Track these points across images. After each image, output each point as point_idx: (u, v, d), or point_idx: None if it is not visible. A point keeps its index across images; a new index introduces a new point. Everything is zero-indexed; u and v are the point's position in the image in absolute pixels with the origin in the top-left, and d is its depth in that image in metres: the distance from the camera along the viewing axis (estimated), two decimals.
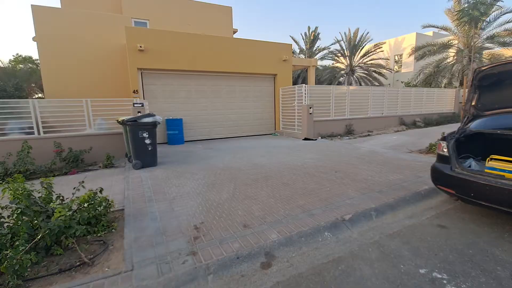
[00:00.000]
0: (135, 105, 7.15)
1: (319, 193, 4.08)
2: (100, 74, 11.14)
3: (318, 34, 23.09)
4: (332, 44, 23.18)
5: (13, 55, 24.21)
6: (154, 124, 5.88)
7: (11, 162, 5.70)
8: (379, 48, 22.09)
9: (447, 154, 3.46)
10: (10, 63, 18.67)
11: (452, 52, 16.19)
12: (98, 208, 3.11)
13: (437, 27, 15.09)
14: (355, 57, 22.42)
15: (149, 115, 5.88)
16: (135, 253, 2.58)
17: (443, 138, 3.72)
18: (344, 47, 22.40)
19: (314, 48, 23.64)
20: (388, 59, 25.37)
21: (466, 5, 12.69)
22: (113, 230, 3.12)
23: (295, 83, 17.51)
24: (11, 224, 2.61)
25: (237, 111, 11.18)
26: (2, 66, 18.05)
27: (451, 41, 15.45)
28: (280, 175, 5.12)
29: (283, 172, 5.37)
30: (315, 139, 9.87)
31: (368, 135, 11.05)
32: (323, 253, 2.69)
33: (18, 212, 2.52)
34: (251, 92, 11.43)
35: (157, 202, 3.92)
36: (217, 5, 15.61)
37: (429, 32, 24.51)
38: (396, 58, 26.11)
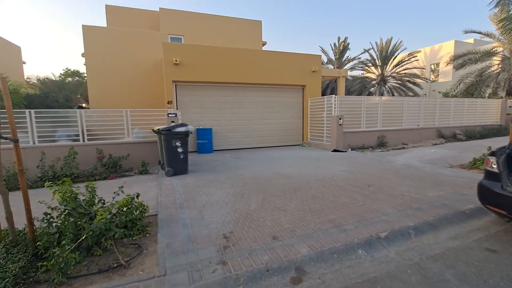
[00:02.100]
0: (169, 115, 7.53)
1: (351, 208, 3.92)
2: (138, 86, 11.95)
3: (348, 44, 22.76)
4: (362, 54, 22.91)
5: (63, 69, 26.88)
6: (187, 134, 6.12)
7: (58, 166, 6.25)
8: (414, 57, 21.15)
9: (496, 170, 3.16)
10: (61, 77, 20.72)
11: (496, 60, 14.99)
12: (135, 213, 3.27)
13: (480, 33, 14.13)
14: (387, 66, 21.67)
15: (182, 125, 6.14)
16: (167, 258, 2.65)
17: (492, 153, 3.41)
18: (376, 57, 21.79)
19: (344, 58, 23.29)
20: (423, 68, 24.13)
21: None
22: (147, 235, 3.24)
23: (323, 93, 17.29)
24: (59, 224, 2.84)
25: (265, 122, 11.27)
26: (54, 79, 20.13)
27: (495, 48, 14.33)
28: (309, 187, 5.02)
29: (312, 184, 5.26)
30: (345, 151, 9.57)
31: (403, 147, 10.48)
32: (357, 272, 2.56)
33: (66, 213, 2.74)
34: (279, 103, 11.49)
35: (188, 209, 4.03)
36: (248, 19, 16.13)
37: (469, 39, 23.00)
38: (432, 67, 24.74)
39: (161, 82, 10.89)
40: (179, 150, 6.12)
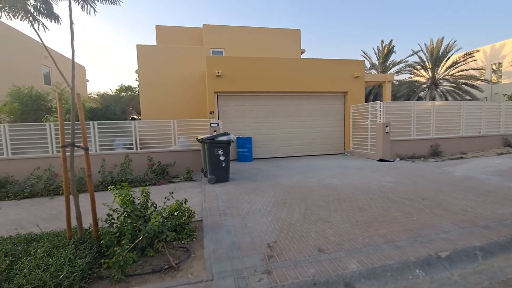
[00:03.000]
0: (211, 124, 7.86)
1: (403, 222, 3.61)
2: (182, 98, 12.75)
3: (393, 47, 21.51)
4: (409, 56, 21.16)
5: (118, 85, 29.94)
6: (229, 142, 6.31)
7: (116, 172, 6.90)
8: (471, 57, 19.11)
9: None
10: (116, 92, 23.09)
11: None
12: (183, 218, 3.44)
13: None
14: (439, 68, 19.89)
15: (224, 134, 6.35)
16: (214, 264, 2.72)
17: None
18: (425, 59, 20.19)
19: (388, 62, 22.02)
20: (483, 69, 21.66)
21: None
22: (194, 239, 3.38)
23: (366, 100, 16.49)
24: (119, 225, 3.10)
25: (305, 130, 11.12)
26: (111, 94, 22.52)
27: None
28: (355, 199, 4.77)
29: (357, 195, 4.99)
30: (393, 161, 8.93)
31: (461, 157, 9.42)
32: None
33: (125, 215, 2.99)
34: (319, 111, 11.27)
35: (231, 216, 4.11)
36: (286, 29, 16.31)
37: None
38: (494, 67, 22.05)
39: (203, 93, 11.48)
40: (221, 158, 6.32)
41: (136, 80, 22.39)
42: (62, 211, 4.90)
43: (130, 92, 23.25)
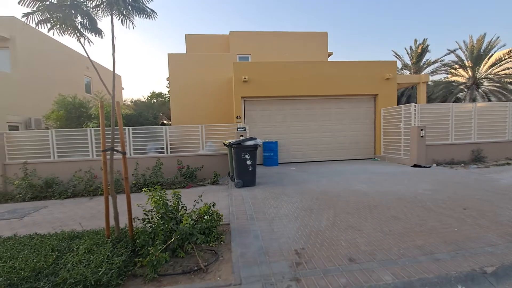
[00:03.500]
0: (238, 129, 7.98)
1: (443, 234, 3.36)
2: (209, 103, 13.10)
3: (427, 46, 20.32)
4: (445, 55, 19.80)
5: (149, 92, 31.60)
6: (255, 147, 6.35)
7: (148, 175, 7.25)
8: None
9: None
10: (148, 98, 24.35)
11: None
12: (212, 221, 3.51)
13: None
14: (481, 67, 18.39)
15: (251, 138, 6.41)
16: (242, 268, 2.73)
17: None
18: (464, 57, 18.80)
19: (422, 62, 20.84)
20: None
21: None
22: (222, 242, 3.43)
23: (398, 102, 15.71)
24: (152, 226, 3.25)
25: (332, 134, 10.86)
26: (143, 100, 23.80)
27: None
28: (387, 206, 4.54)
29: (390, 203, 4.74)
30: (429, 166, 8.39)
31: (507, 163, 8.58)
32: None
33: (159, 216, 3.13)
34: (348, 114, 10.95)
35: (258, 221, 4.11)
36: (313, 32, 16.15)
37: None
38: None
39: (230, 98, 11.71)
40: (248, 162, 6.37)
41: (166, 86, 23.47)
42: (100, 210, 5.26)
43: (160, 98, 24.40)
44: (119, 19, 3.33)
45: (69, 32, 3.14)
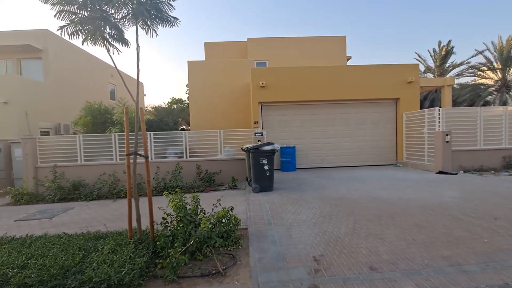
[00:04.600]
0: (256, 134, 8.03)
1: (472, 244, 3.17)
2: (227, 108, 13.28)
3: (452, 48, 19.53)
4: (472, 57, 18.83)
5: (170, 98, 32.58)
6: (273, 152, 6.35)
7: (168, 179, 7.44)
8: None
9: None
10: (168, 104, 25.11)
11: None
12: (230, 225, 3.54)
13: None
14: (511, 69, 17.36)
15: (269, 143, 6.43)
16: (259, 273, 2.73)
17: None
18: (493, 59, 17.85)
19: (447, 64, 20.01)
20: None
21: None
22: (239, 247, 3.44)
23: (421, 106, 15.14)
24: (172, 228, 3.33)
25: (351, 139, 10.63)
26: (164, 106, 24.58)
27: None
28: (410, 214, 4.36)
29: (413, 210, 4.56)
30: (455, 173, 7.97)
31: None
32: None
33: (178, 219, 3.21)
34: (368, 119, 10.69)
35: (275, 226, 4.09)
36: (331, 36, 16.02)
37: None
38: None
39: (248, 104, 11.81)
40: (266, 167, 6.38)
41: (186, 93, 24.12)
42: (123, 212, 5.46)
43: (180, 104, 25.10)
44: (143, 29, 3.50)
45: (99, 42, 3.35)
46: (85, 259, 2.94)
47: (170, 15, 3.59)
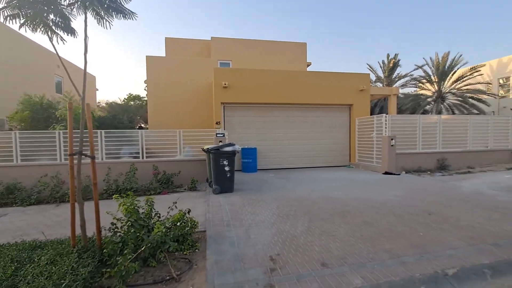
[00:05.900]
0: (217, 135, 7.93)
1: (409, 238, 3.54)
2: (189, 108, 12.92)
3: (398, 61, 21.61)
4: (414, 70, 21.17)
5: (126, 94, 30.55)
6: (234, 153, 6.34)
7: (121, 180, 6.95)
8: (477, 71, 19.07)
9: None
10: (125, 100, 23.51)
11: None
12: (186, 228, 3.43)
13: None
14: (445, 82, 19.86)
15: (229, 144, 6.40)
16: (216, 275, 2.69)
17: None
18: (431, 73, 20.22)
19: (394, 75, 22.10)
20: (489, 83, 21.57)
21: None
22: (196, 250, 3.36)
23: (372, 112, 16.47)
24: (122, 234, 3.11)
25: (310, 142, 11.12)
26: (119, 103, 22.93)
27: None
28: (359, 212, 4.71)
29: (362, 209, 4.93)
30: (398, 174, 8.83)
31: (468, 171, 9.26)
32: None
33: (129, 224, 3.01)
34: (325, 123, 11.30)
35: (235, 227, 4.08)
36: (292, 42, 16.60)
37: None
38: (501, 81, 21.94)
39: (210, 104, 11.64)
40: (226, 168, 6.34)
41: (144, 89, 22.84)
42: (66, 218, 4.93)
43: (138, 101, 23.64)
44: (95, 18, 3.23)
45: (41, 29, 2.99)
46: (18, 272, 2.60)
47: (125, 7, 3.37)
